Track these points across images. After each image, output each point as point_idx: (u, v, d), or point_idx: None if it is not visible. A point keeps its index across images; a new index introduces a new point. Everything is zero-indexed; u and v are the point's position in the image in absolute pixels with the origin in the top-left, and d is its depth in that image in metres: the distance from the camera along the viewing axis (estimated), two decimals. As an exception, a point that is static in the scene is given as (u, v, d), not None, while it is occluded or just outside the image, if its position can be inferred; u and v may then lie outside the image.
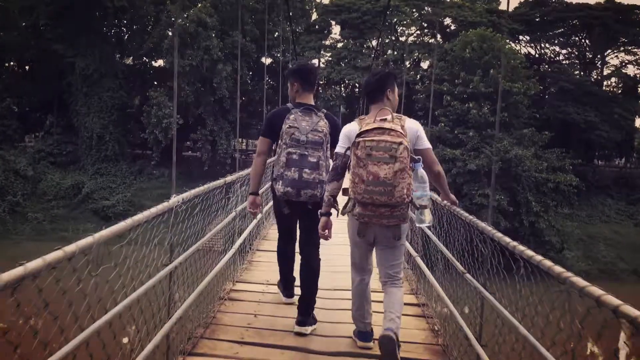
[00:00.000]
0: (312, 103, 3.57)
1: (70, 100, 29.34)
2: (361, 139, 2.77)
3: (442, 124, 24.36)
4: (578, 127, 28.75)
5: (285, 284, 4.09)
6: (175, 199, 2.84)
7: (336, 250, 5.28)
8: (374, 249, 3.16)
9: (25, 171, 26.73)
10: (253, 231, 5.88)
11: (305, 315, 3.56)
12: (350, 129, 2.99)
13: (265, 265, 5.30)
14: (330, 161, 3.34)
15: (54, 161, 28.71)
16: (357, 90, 34.46)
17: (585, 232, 26.13)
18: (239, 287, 4.55)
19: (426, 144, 3.01)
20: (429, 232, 4.42)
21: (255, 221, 5.69)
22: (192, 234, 3.47)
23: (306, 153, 3.26)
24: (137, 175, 29.20)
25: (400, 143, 2.69)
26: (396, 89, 3.11)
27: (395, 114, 2.94)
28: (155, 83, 30.76)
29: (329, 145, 3.39)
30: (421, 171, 2.87)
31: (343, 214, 3.03)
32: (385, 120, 2.82)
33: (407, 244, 4.85)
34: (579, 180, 24.03)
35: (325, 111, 3.55)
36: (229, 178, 4.37)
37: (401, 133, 2.73)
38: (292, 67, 3.78)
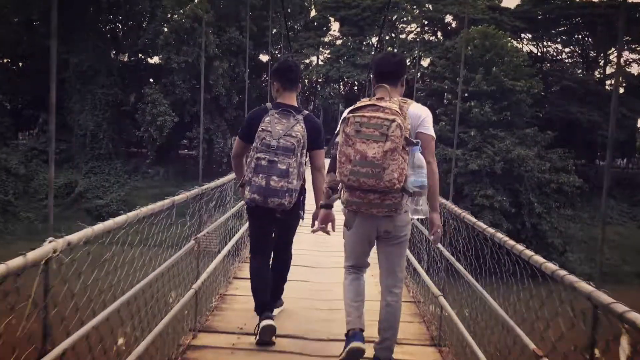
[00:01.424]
0: (294, 104, 3.32)
1: (63, 97, 28.73)
2: (352, 114, 2.54)
3: (443, 123, 23.85)
4: (580, 126, 28.27)
5: (260, 308, 3.40)
6: (49, 246, 1.69)
7: (333, 275, 4.59)
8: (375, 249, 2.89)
9: (17, 169, 26.18)
10: (230, 254, 4.66)
11: (274, 299, 3.53)
12: (346, 111, 2.68)
13: (242, 302, 3.98)
14: (303, 167, 3.21)
15: (47, 159, 28.10)
16: (356, 88, 33.95)
17: (588, 234, 25.65)
18: (200, 341, 3.25)
19: (429, 130, 2.71)
20: (459, 266, 3.32)
21: (232, 242, 4.70)
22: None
23: (276, 159, 3.04)
24: (132, 174, 28.67)
25: (393, 120, 2.44)
26: None
27: (401, 98, 2.72)
28: (152, 80, 30.18)
29: (304, 150, 3.17)
30: (418, 155, 2.56)
31: (333, 201, 2.87)
32: (382, 99, 2.58)
33: (426, 277, 4.12)
34: (582, 181, 23.58)
35: (306, 113, 3.28)
36: (180, 196, 3.08)
37: (397, 111, 2.49)
38: (274, 66, 3.52)
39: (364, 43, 32.35)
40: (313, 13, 34.85)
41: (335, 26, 34.62)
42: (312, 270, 4.83)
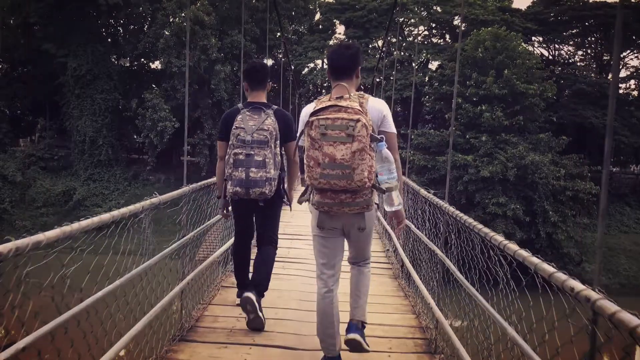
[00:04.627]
0: (263, 100, 3.56)
1: (62, 102, 28.15)
2: (315, 117, 2.52)
3: (453, 128, 22.93)
4: (595, 131, 27.26)
5: (241, 287, 3.72)
6: None
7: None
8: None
9: (14, 177, 25.51)
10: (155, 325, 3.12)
11: (255, 289, 3.60)
12: (306, 112, 2.72)
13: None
14: (279, 157, 3.43)
15: (45, 166, 27.45)
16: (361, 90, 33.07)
17: (604, 243, 24.61)
18: None
19: (391, 127, 2.79)
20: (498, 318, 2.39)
21: (155, 309, 3.14)
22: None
23: (252, 152, 3.28)
24: (132, 181, 27.97)
25: (358, 120, 2.44)
26: None
27: (358, 92, 2.71)
28: (154, 86, 29.51)
29: (277, 142, 3.41)
30: (385, 151, 2.60)
31: (300, 202, 2.84)
32: (341, 98, 2.57)
33: (436, 308, 3.43)
34: (599, 188, 22.58)
35: (276, 107, 3.51)
36: (74, 226, 2.03)
37: (359, 110, 2.49)
38: (244, 67, 3.80)
39: (370, 46, 31.54)
40: (318, 16, 34.11)
41: (340, 29, 33.91)
42: (291, 355, 3.18)
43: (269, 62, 30.75)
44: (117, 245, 2.76)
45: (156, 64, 30.98)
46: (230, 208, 3.71)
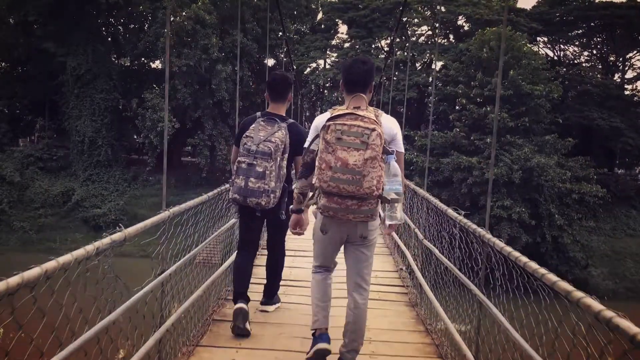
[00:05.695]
0: (281, 113, 3.65)
1: (61, 102, 27.83)
2: (332, 122, 2.59)
3: (457, 129, 22.60)
4: (600, 133, 26.91)
5: (237, 297, 3.56)
6: None
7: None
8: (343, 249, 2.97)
9: (12, 177, 25.18)
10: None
11: (269, 296, 3.99)
12: (321, 119, 2.82)
13: None
14: (284, 170, 3.46)
15: (43, 167, 27.09)
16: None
17: (611, 247, 24.28)
18: None
19: (401, 147, 2.88)
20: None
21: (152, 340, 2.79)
22: None
23: (254, 162, 3.33)
24: (131, 182, 27.61)
25: (374, 130, 2.51)
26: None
27: (373, 107, 2.78)
28: (154, 85, 29.20)
29: (284, 155, 3.45)
30: (394, 164, 2.69)
31: (307, 206, 2.93)
32: (359, 108, 2.65)
33: (457, 336, 3.09)
34: (605, 191, 22.23)
35: (291, 121, 3.61)
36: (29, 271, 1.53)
37: (375, 120, 2.57)
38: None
39: (373, 46, 31.16)
40: (320, 15, 33.75)
41: (343, 29, 33.55)
42: None
43: (270, 62, 30.44)
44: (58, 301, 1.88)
45: (156, 64, 30.70)
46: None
